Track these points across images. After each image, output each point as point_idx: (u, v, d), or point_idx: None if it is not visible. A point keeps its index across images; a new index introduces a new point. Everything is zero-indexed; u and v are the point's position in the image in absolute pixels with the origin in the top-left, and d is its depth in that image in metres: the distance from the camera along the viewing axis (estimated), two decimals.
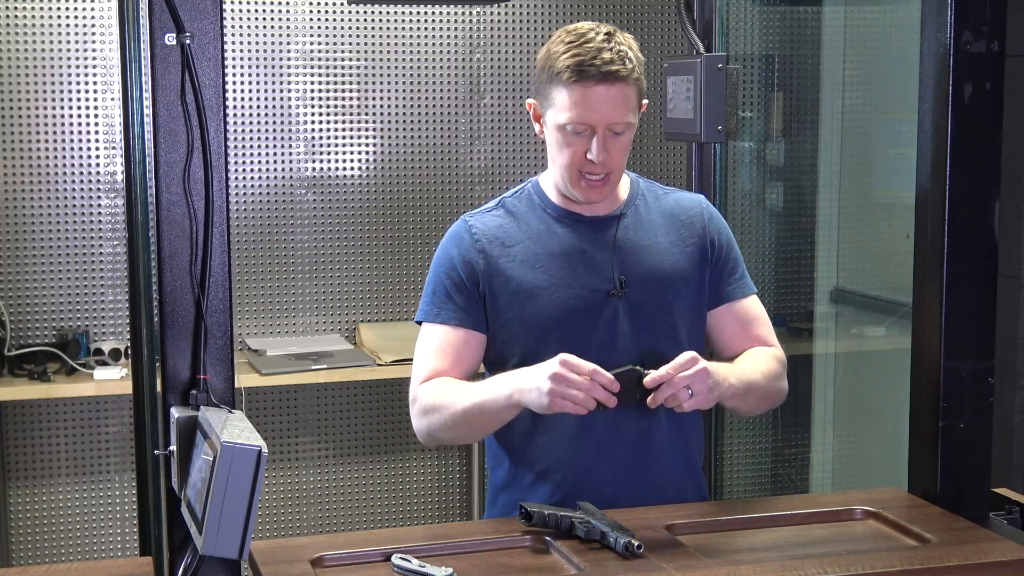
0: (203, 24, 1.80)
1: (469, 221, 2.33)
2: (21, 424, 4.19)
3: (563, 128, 2.20)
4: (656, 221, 2.33)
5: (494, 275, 2.27)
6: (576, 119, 2.18)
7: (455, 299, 2.29)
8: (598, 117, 2.17)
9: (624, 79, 2.17)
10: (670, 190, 2.41)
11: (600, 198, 2.27)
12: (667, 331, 2.27)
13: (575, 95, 2.17)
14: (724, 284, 2.34)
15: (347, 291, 4.44)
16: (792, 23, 4.43)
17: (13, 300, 4.14)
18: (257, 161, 4.32)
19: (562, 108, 2.19)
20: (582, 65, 2.16)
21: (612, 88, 2.16)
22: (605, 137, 2.19)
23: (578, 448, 2.26)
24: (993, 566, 1.94)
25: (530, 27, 4.49)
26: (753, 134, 4.32)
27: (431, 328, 2.32)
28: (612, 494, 2.22)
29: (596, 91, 2.16)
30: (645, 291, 2.26)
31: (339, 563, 1.97)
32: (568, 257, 2.27)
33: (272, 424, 4.39)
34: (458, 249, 2.31)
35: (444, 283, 2.31)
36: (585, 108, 2.17)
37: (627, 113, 2.19)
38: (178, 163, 1.82)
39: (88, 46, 4.13)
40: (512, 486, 2.33)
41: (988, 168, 2.24)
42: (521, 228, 2.31)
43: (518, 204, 2.35)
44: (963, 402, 2.25)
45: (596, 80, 2.15)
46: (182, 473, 1.82)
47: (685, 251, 2.31)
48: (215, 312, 1.85)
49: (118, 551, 4.29)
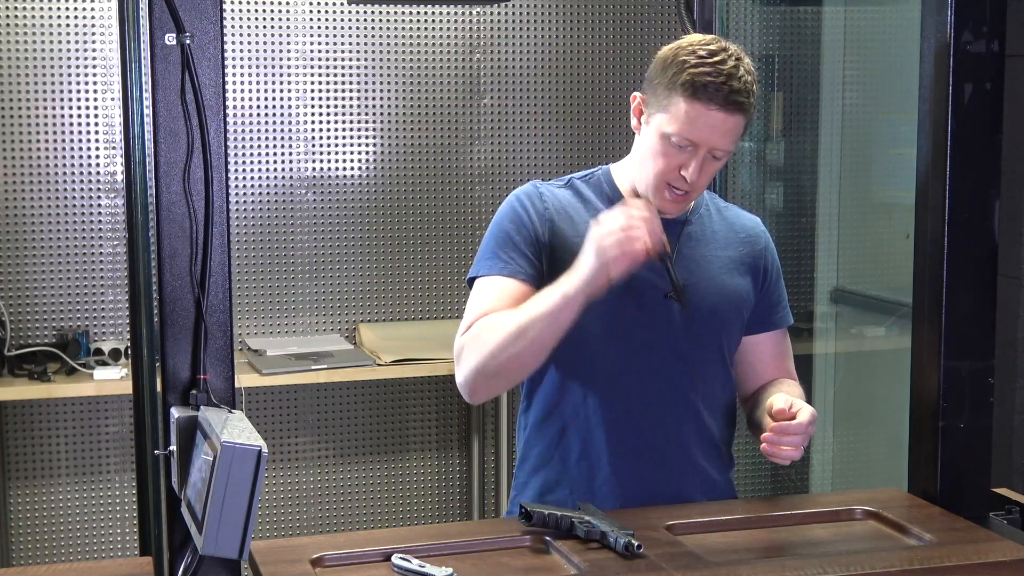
0: (203, 24, 1.80)
1: (540, 188, 2.29)
2: (21, 424, 4.19)
3: (667, 138, 2.16)
4: (718, 233, 2.32)
5: (556, 246, 2.23)
6: (686, 134, 2.14)
7: (524, 252, 2.22)
8: (707, 139, 2.14)
9: (744, 110, 2.16)
10: (730, 206, 2.40)
11: (676, 213, 2.25)
12: (713, 343, 2.27)
13: (693, 112, 2.13)
14: (769, 312, 2.35)
15: (347, 291, 4.44)
16: (792, 23, 4.43)
17: (13, 300, 4.14)
18: (257, 161, 4.32)
19: (675, 119, 2.14)
20: (711, 87, 2.12)
21: (730, 117, 2.14)
22: (705, 159, 2.16)
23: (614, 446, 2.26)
24: (993, 566, 1.94)
25: (530, 27, 4.50)
26: (753, 134, 4.32)
27: (488, 281, 2.22)
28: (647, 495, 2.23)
29: (714, 115, 2.13)
30: (702, 299, 2.25)
31: (339, 563, 1.97)
32: None
33: (272, 424, 4.39)
34: (528, 208, 2.25)
35: (512, 236, 2.23)
36: (698, 127, 2.13)
37: (734, 142, 2.18)
38: (178, 163, 1.82)
39: (88, 46, 4.13)
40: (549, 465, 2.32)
41: (988, 168, 2.24)
42: (588, 210, 2.27)
43: (587, 188, 2.32)
44: (963, 402, 2.25)
45: (719, 105, 2.12)
46: (182, 473, 1.82)
47: (741, 269, 2.31)
48: (215, 312, 1.85)
49: (118, 551, 4.29)
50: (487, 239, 2.27)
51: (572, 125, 4.55)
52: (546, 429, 2.34)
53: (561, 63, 4.52)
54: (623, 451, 2.26)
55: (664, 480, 2.27)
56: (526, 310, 2.11)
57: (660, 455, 2.27)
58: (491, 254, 2.24)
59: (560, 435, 2.31)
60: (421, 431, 4.54)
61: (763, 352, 2.36)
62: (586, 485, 2.27)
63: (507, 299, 2.18)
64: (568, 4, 4.50)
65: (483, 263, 2.24)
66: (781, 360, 2.39)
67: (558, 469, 2.31)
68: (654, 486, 2.26)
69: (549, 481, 2.32)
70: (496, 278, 2.21)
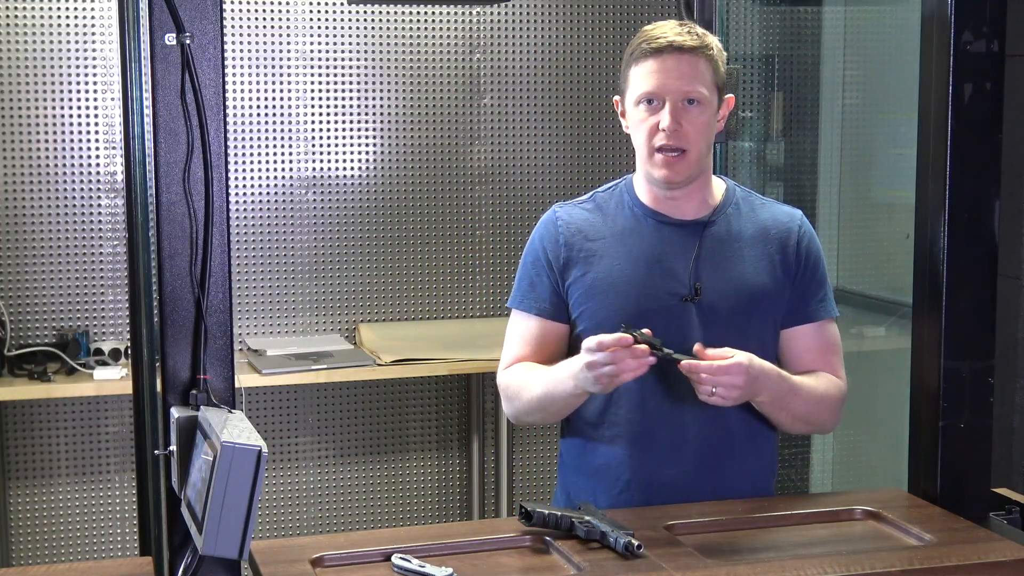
0: (203, 24, 1.80)
1: (558, 212, 2.37)
2: (21, 424, 4.19)
3: (638, 104, 2.23)
4: (746, 232, 2.31)
5: (573, 268, 2.30)
6: (648, 89, 2.21)
7: (538, 289, 2.34)
8: (667, 86, 2.20)
9: (693, 50, 2.20)
10: (768, 201, 2.39)
11: (678, 178, 2.24)
12: (738, 343, 2.24)
13: (645, 69, 2.21)
14: (806, 304, 2.33)
15: (347, 291, 4.44)
16: (792, 23, 4.43)
17: (13, 300, 4.14)
18: (257, 161, 4.32)
19: (636, 84, 2.23)
20: (653, 41, 2.20)
21: (682, 58, 2.19)
22: (677, 108, 2.20)
23: (641, 449, 2.27)
24: (993, 566, 1.94)
25: (530, 27, 4.49)
26: (753, 134, 4.32)
27: (517, 315, 2.38)
28: (672, 499, 2.23)
29: (663, 62, 2.19)
30: (721, 301, 2.25)
31: (339, 563, 1.97)
32: (647, 258, 2.28)
33: (272, 424, 4.39)
34: (542, 240, 2.35)
35: (530, 272, 2.35)
36: (655, 79, 2.20)
37: (698, 84, 2.20)
38: (178, 163, 1.82)
39: (88, 46, 4.13)
40: (579, 469, 2.35)
41: (988, 168, 2.24)
42: (607, 224, 2.32)
43: (608, 200, 2.36)
44: (963, 402, 2.25)
45: (667, 51, 2.19)
46: (182, 473, 1.82)
47: (770, 266, 2.30)
48: (215, 312, 1.85)
49: (118, 551, 4.29)
50: (520, 268, 2.40)
51: (572, 125, 4.55)
52: (572, 437, 2.37)
53: (561, 63, 4.52)
54: (646, 460, 2.27)
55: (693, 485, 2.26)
56: (545, 385, 2.26)
57: (683, 461, 2.27)
58: (516, 288, 2.39)
59: (583, 444, 2.34)
60: (421, 431, 4.54)
61: (801, 345, 2.34)
62: (607, 494, 2.28)
63: (531, 340, 2.34)
64: (568, 4, 4.50)
65: (515, 295, 2.39)
66: (822, 353, 2.35)
67: (584, 477, 2.33)
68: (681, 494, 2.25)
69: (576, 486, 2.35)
70: (524, 315, 2.36)
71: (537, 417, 2.34)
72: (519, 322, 2.36)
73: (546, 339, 2.33)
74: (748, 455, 2.32)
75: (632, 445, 2.27)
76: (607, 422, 2.29)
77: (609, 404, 2.28)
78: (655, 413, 2.26)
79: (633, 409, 2.26)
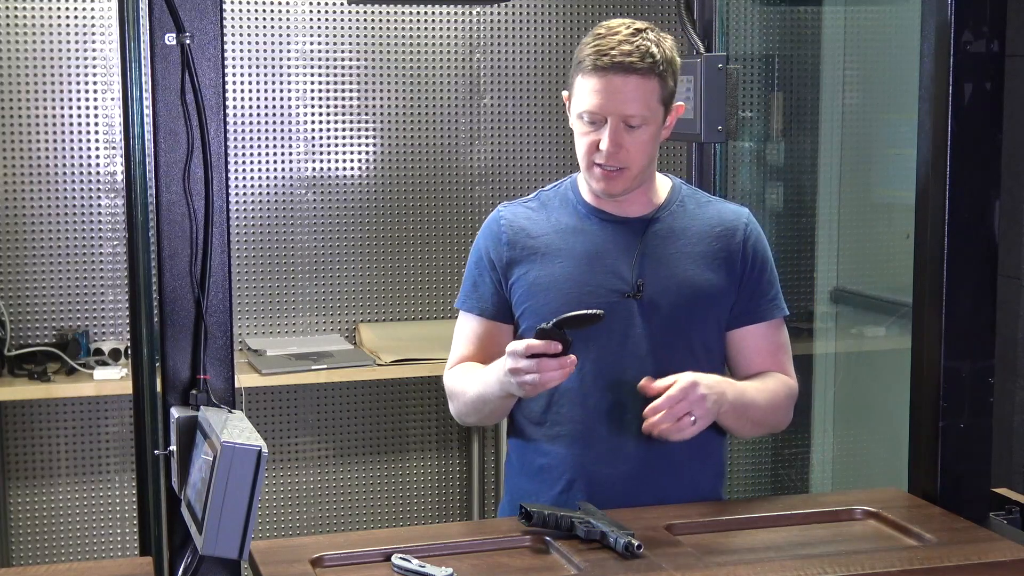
0: (203, 24, 1.80)
1: (501, 212, 2.38)
2: (21, 424, 4.19)
3: (580, 117, 2.21)
4: (690, 229, 2.30)
5: (516, 266, 2.30)
6: (590, 108, 2.18)
7: (480, 289, 2.34)
8: (611, 107, 2.17)
9: (640, 72, 2.16)
10: (715, 199, 2.38)
11: (615, 190, 2.24)
12: (681, 340, 2.25)
13: (591, 84, 2.18)
14: (755, 304, 2.31)
15: (347, 291, 4.44)
16: (792, 23, 4.43)
17: (13, 300, 4.14)
18: (257, 161, 4.32)
19: (580, 97, 2.20)
20: (600, 54, 2.16)
21: (628, 79, 2.16)
22: (618, 129, 2.18)
23: (584, 448, 2.25)
24: (993, 566, 1.94)
25: (530, 27, 4.50)
26: (753, 134, 4.32)
27: (463, 316, 2.38)
28: (615, 499, 2.21)
29: (612, 81, 2.16)
30: (663, 297, 2.24)
31: (339, 563, 1.97)
32: (589, 255, 2.27)
33: (272, 424, 4.39)
34: (485, 239, 2.36)
35: (473, 272, 2.37)
36: (599, 97, 2.17)
37: (641, 107, 2.17)
38: (178, 163, 1.82)
39: (88, 46, 4.13)
40: (522, 472, 2.34)
41: (988, 168, 2.24)
42: (550, 221, 2.32)
43: (552, 198, 2.36)
44: (963, 402, 2.25)
45: (612, 70, 2.15)
46: (182, 473, 1.82)
47: (714, 264, 2.28)
48: (215, 312, 1.85)
49: (118, 551, 4.29)
50: (466, 269, 2.41)
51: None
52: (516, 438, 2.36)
53: (561, 63, 4.52)
54: (589, 459, 2.26)
55: (636, 486, 2.25)
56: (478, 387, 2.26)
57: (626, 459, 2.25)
58: (465, 288, 2.39)
59: (526, 444, 2.33)
60: (421, 431, 4.54)
61: (751, 345, 2.32)
62: (549, 494, 2.26)
63: (475, 340, 2.35)
64: (568, 4, 4.50)
65: (461, 295, 2.40)
66: (772, 354, 2.33)
67: (526, 478, 2.32)
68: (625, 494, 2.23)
69: (518, 487, 2.33)
70: (468, 316, 2.37)
71: (475, 418, 2.34)
72: (464, 322, 2.37)
73: (490, 339, 2.32)
74: (694, 456, 2.29)
75: (574, 443, 2.26)
76: (549, 421, 2.28)
77: (551, 403, 2.26)
78: (597, 411, 2.24)
79: (575, 407, 2.25)
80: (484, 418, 2.35)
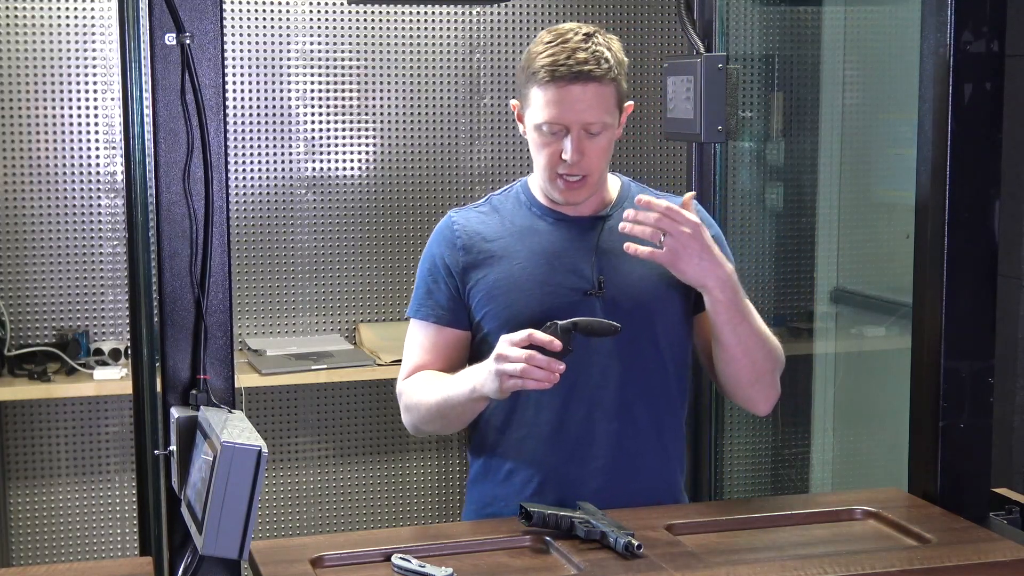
0: (203, 24, 1.80)
1: (453, 217, 2.35)
2: (21, 424, 4.19)
3: (540, 128, 2.20)
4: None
5: (473, 271, 2.28)
6: (551, 119, 2.17)
7: (436, 296, 2.31)
8: (572, 117, 2.16)
9: (598, 79, 2.16)
10: (665, 195, 2.38)
11: (579, 199, 2.26)
12: (645, 334, 2.25)
13: (549, 95, 2.17)
14: None
15: (347, 291, 4.44)
16: (792, 23, 4.43)
17: (13, 300, 4.14)
18: (257, 161, 4.32)
19: (538, 108, 2.19)
20: (556, 64, 2.15)
21: (587, 88, 2.16)
22: (580, 137, 2.18)
23: (551, 448, 2.25)
24: (993, 566, 1.94)
25: (530, 27, 4.49)
26: (753, 134, 4.32)
27: (416, 324, 2.35)
28: (585, 496, 2.20)
29: (571, 91, 2.15)
30: (624, 293, 2.24)
31: (339, 563, 1.97)
32: (547, 256, 2.26)
33: (272, 424, 4.39)
34: (439, 246, 2.33)
35: (427, 280, 2.33)
36: (559, 108, 2.16)
37: (602, 114, 2.18)
38: (178, 163, 1.82)
39: (88, 46, 4.13)
40: (487, 479, 2.33)
41: (988, 168, 2.24)
42: (504, 225, 2.31)
43: (504, 201, 2.35)
44: (963, 402, 2.25)
45: (570, 80, 2.15)
46: (182, 473, 1.82)
47: None
48: (215, 312, 1.85)
49: (118, 551, 4.29)
50: (417, 276, 2.37)
51: None
52: (481, 447, 2.35)
53: None
54: (557, 461, 2.25)
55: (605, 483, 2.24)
56: (444, 392, 2.22)
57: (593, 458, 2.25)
58: (414, 296, 2.36)
59: (492, 452, 2.32)
60: None
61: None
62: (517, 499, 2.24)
63: (431, 348, 2.32)
64: (568, 4, 4.50)
65: (413, 304, 2.36)
66: None
67: (494, 485, 2.32)
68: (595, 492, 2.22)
69: (487, 496, 2.33)
70: (423, 324, 2.33)
71: (436, 425, 2.29)
72: (417, 331, 2.33)
73: (446, 346, 2.30)
74: (658, 451, 2.29)
75: (541, 446, 2.25)
76: (515, 424, 2.27)
77: (516, 407, 2.25)
78: (563, 412, 2.24)
79: (541, 410, 2.24)
80: (447, 424, 2.29)
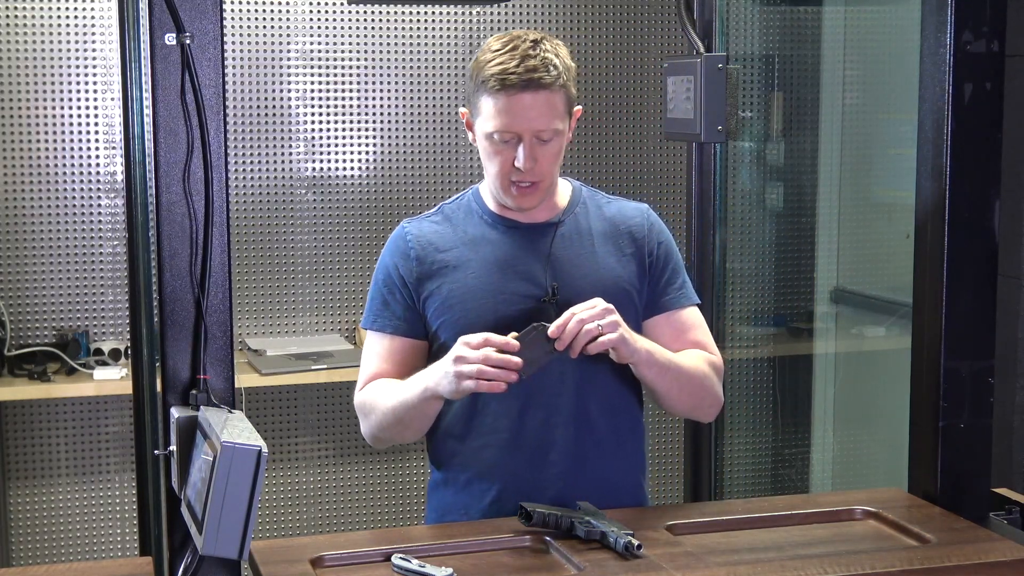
0: (203, 24, 1.80)
1: (406, 227, 2.34)
2: (21, 424, 4.19)
3: (491, 137, 2.20)
4: (595, 229, 2.32)
5: (427, 281, 2.28)
6: (502, 127, 2.17)
7: (391, 306, 2.31)
8: (524, 125, 2.17)
9: (548, 86, 2.16)
10: (614, 199, 2.39)
11: (532, 205, 2.26)
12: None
13: (500, 103, 2.16)
14: (662, 294, 2.33)
15: (347, 291, 4.44)
16: (792, 23, 4.43)
17: (13, 300, 4.14)
18: (257, 161, 4.32)
19: (488, 117, 2.19)
20: (506, 72, 2.15)
21: (537, 95, 2.16)
22: (532, 145, 2.18)
23: (510, 456, 2.25)
24: (993, 566, 1.94)
25: (530, 27, 4.49)
26: (753, 134, 4.32)
27: (372, 336, 2.34)
28: (545, 501, 2.19)
29: (519, 99, 2.15)
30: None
31: (339, 563, 1.97)
32: (500, 263, 2.26)
33: (272, 424, 4.40)
34: (393, 256, 2.32)
35: (382, 291, 2.32)
36: (510, 116, 2.16)
37: (553, 120, 2.18)
38: (178, 163, 1.82)
39: (88, 46, 4.13)
40: (447, 487, 2.32)
41: (988, 168, 2.24)
42: (456, 233, 2.31)
43: (456, 210, 2.35)
44: (963, 402, 2.25)
45: (521, 88, 2.15)
46: (182, 473, 1.82)
47: (622, 260, 2.30)
48: (215, 312, 1.85)
49: (118, 551, 4.29)
50: (371, 288, 2.36)
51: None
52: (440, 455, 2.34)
53: None
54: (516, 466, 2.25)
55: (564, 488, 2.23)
56: (400, 395, 2.22)
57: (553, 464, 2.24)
58: (368, 307, 2.35)
59: (451, 460, 2.31)
60: None
61: (665, 333, 2.32)
62: (478, 505, 2.25)
63: (388, 358, 2.31)
64: (568, 4, 4.50)
65: (368, 315, 2.35)
66: (684, 336, 2.33)
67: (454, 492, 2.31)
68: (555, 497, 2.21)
69: (446, 503, 2.32)
70: (379, 335, 2.32)
71: (392, 432, 2.28)
72: (374, 342, 2.32)
73: (404, 356, 2.30)
74: (617, 455, 2.29)
75: (500, 452, 2.25)
76: (473, 431, 2.26)
77: (474, 414, 2.25)
78: (521, 418, 2.24)
79: (499, 416, 2.24)
80: (403, 429, 2.27)
